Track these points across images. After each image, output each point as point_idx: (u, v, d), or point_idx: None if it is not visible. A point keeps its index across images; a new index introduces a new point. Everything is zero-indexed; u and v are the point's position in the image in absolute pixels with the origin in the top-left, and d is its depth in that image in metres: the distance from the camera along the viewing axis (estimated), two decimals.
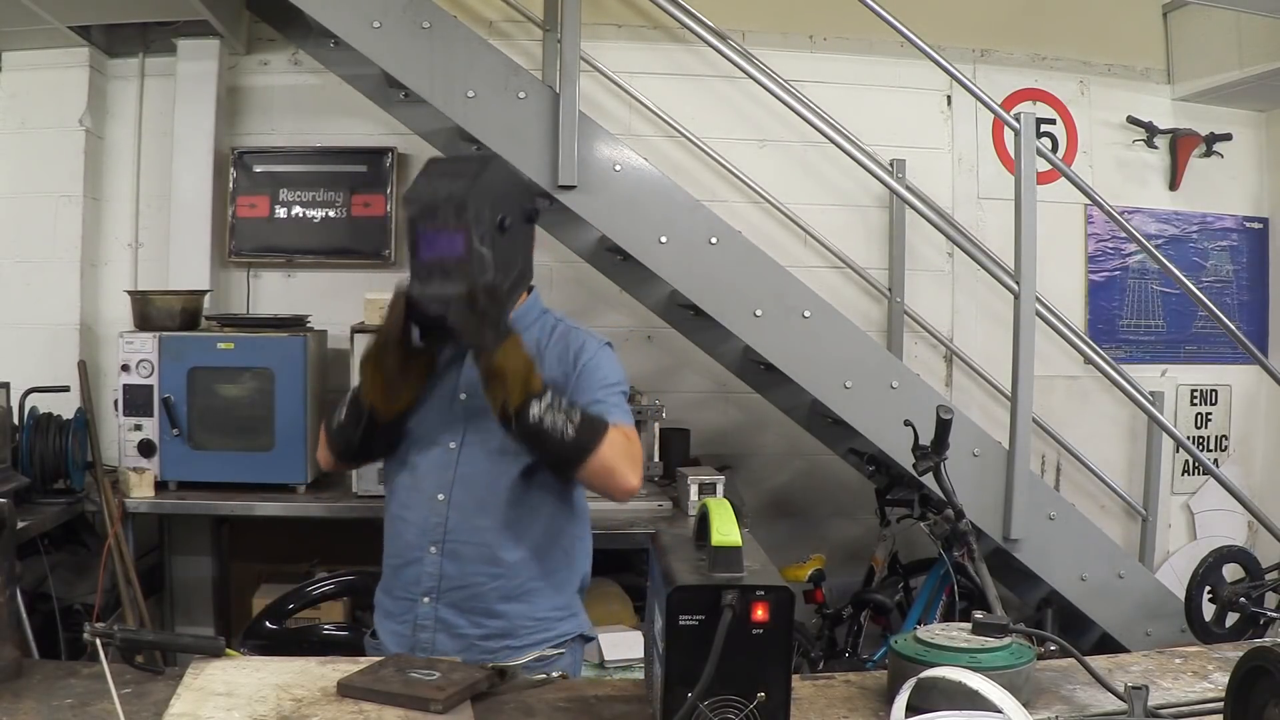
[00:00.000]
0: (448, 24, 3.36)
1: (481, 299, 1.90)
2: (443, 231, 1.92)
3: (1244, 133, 4.93)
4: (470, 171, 1.97)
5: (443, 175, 1.97)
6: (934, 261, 4.72)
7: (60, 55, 4.13)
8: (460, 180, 1.94)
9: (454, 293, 1.90)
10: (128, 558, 3.53)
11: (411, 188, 1.99)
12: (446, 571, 2.07)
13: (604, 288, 4.33)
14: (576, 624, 2.18)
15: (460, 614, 2.06)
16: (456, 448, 2.09)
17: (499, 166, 2.06)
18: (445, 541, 2.06)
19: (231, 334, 3.72)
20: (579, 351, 2.12)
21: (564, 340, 2.14)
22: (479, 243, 1.91)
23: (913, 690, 1.41)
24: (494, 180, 1.99)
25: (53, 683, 1.58)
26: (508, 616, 2.07)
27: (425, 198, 1.94)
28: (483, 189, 1.94)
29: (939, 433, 3.01)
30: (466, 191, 1.91)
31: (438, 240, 1.93)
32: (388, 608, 2.17)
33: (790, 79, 4.27)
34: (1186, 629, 3.66)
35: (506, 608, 2.07)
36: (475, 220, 1.90)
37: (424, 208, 1.93)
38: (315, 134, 4.42)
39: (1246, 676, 1.31)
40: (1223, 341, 4.78)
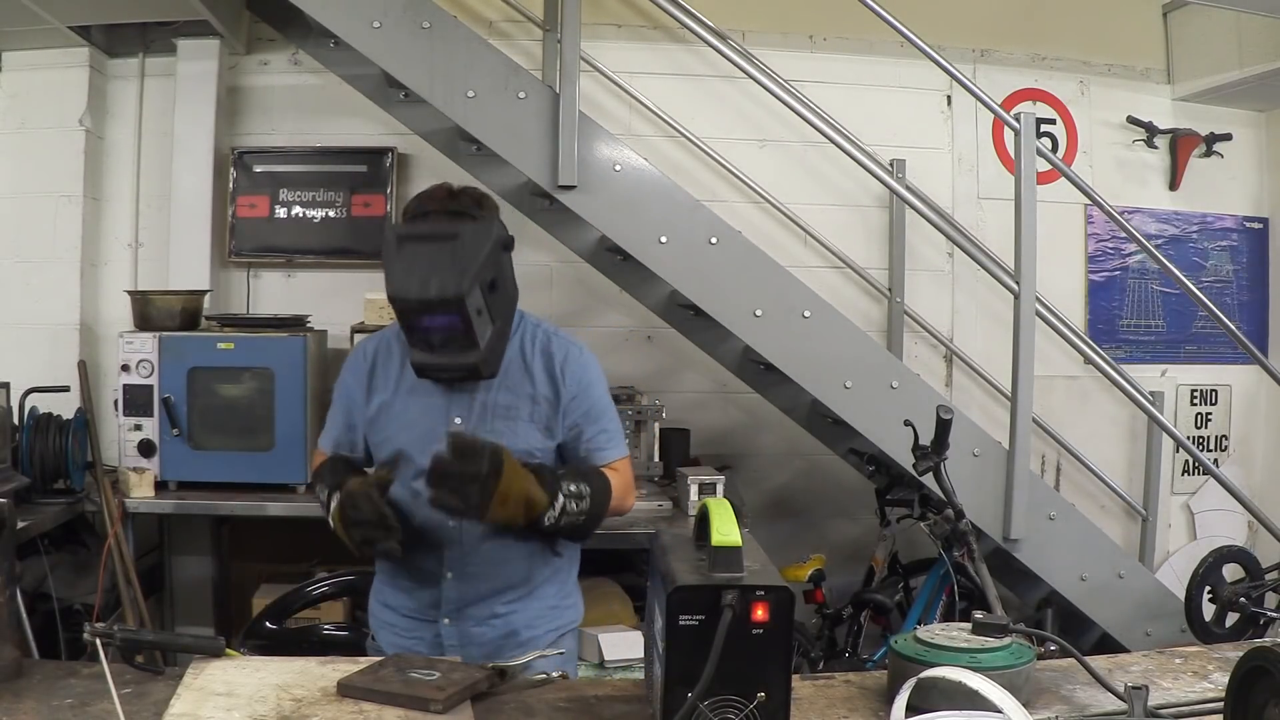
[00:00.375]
0: (448, 24, 3.36)
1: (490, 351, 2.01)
2: (441, 318, 1.96)
3: (1244, 133, 4.93)
4: (455, 255, 1.96)
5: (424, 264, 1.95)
6: (934, 261, 4.72)
7: (60, 55, 4.13)
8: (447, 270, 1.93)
9: (466, 362, 2.00)
10: (128, 558, 3.53)
11: (394, 280, 1.97)
12: (464, 593, 2.11)
13: (604, 288, 4.33)
14: (576, 611, 2.25)
15: (478, 624, 2.11)
16: None
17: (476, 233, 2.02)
18: (465, 564, 2.10)
19: (231, 334, 3.72)
20: (564, 363, 2.14)
21: (547, 350, 2.15)
22: (475, 315, 1.96)
23: (913, 690, 1.41)
24: (476, 252, 1.98)
25: (53, 683, 1.58)
26: (519, 613, 2.12)
27: (416, 297, 1.94)
28: (470, 272, 1.94)
29: (939, 433, 3.01)
30: (459, 286, 1.92)
31: (438, 323, 1.98)
32: (394, 623, 2.18)
33: (790, 79, 4.27)
34: (1186, 629, 3.66)
35: (515, 607, 2.13)
36: (471, 304, 1.95)
37: (417, 309, 1.96)
38: (315, 134, 4.42)
39: (1246, 676, 1.31)
40: (1223, 341, 4.78)
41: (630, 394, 3.95)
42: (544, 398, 2.12)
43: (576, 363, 2.15)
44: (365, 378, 2.19)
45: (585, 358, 2.18)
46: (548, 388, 2.12)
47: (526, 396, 2.12)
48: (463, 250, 1.97)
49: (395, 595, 2.20)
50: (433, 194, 2.13)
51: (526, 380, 2.13)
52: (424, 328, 1.99)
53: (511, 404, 2.11)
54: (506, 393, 2.11)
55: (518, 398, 2.11)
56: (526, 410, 2.11)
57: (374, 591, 2.28)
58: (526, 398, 2.12)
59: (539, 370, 2.13)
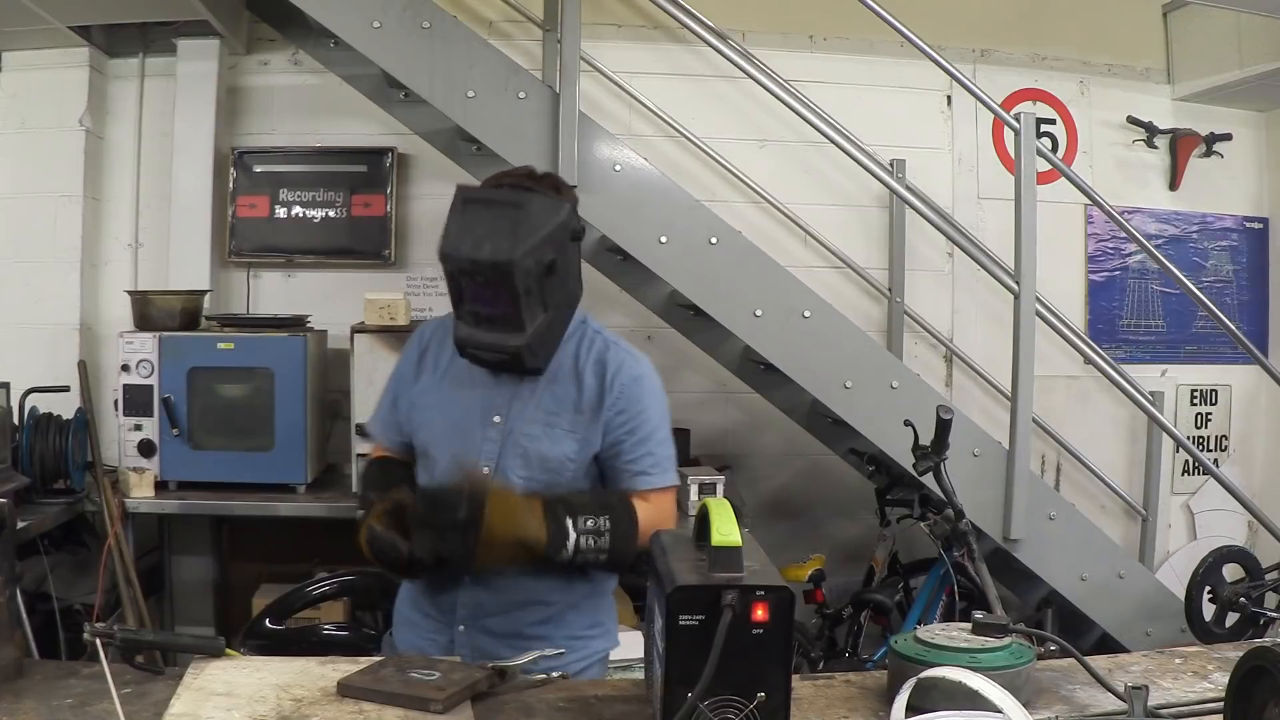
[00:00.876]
0: (448, 24, 3.36)
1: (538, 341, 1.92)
2: (489, 287, 1.88)
3: (1244, 133, 4.93)
4: (516, 223, 1.87)
5: (483, 226, 1.88)
6: (934, 261, 4.72)
7: (60, 55, 4.13)
8: (506, 236, 1.85)
9: (511, 345, 1.90)
10: (128, 558, 3.53)
11: (449, 237, 1.90)
12: (481, 600, 2.01)
13: (604, 288, 4.33)
14: (607, 641, 2.13)
15: (496, 640, 1.99)
16: (490, 473, 2.00)
17: (545, 207, 1.94)
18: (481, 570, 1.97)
19: (231, 334, 3.72)
20: (616, 373, 2.02)
21: (602, 358, 2.03)
22: (525, 295, 1.88)
23: (913, 690, 1.41)
24: (540, 225, 1.90)
25: (53, 683, 1.58)
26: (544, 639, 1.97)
27: (467, 256, 1.87)
28: (532, 242, 1.86)
29: (939, 433, 3.01)
30: (515, 253, 1.84)
31: (485, 293, 1.90)
32: (416, 622, 2.10)
33: (790, 79, 4.27)
34: (1186, 629, 3.66)
35: (541, 630, 2.01)
36: (523, 278, 1.86)
37: (468, 269, 1.88)
38: (315, 134, 4.42)
39: (1246, 676, 1.31)
40: (1223, 341, 4.77)
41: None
42: (588, 407, 2.00)
43: (630, 375, 2.02)
44: (416, 360, 2.11)
45: (642, 370, 2.04)
46: (594, 397, 2.00)
47: (570, 404, 2.00)
48: (524, 220, 1.88)
49: (418, 594, 2.11)
50: (514, 170, 2.06)
51: (574, 386, 2.01)
52: (471, 294, 1.91)
53: (554, 410, 2.00)
54: (551, 397, 2.01)
55: (561, 404, 2.00)
56: (568, 419, 2.00)
57: (402, 586, 2.19)
58: (570, 405, 2.00)
59: (589, 377, 2.02)
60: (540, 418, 2.00)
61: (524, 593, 2.01)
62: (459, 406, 2.04)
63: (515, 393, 2.02)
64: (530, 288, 1.88)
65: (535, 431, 2.00)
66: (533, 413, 2.01)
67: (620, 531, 1.90)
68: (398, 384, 2.15)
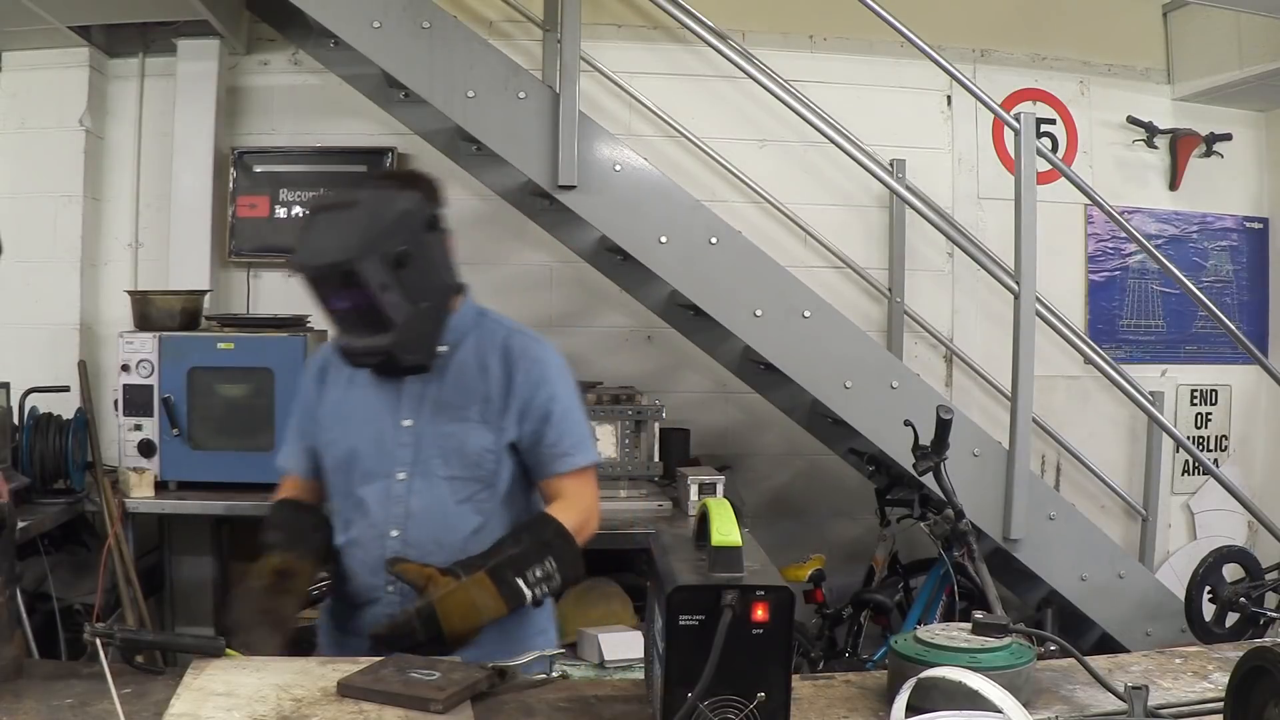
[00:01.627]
0: (448, 24, 3.36)
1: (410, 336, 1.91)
2: (342, 291, 1.88)
3: (1244, 133, 4.93)
4: (350, 221, 1.88)
5: (324, 231, 1.89)
6: (934, 261, 4.72)
7: (60, 55, 4.13)
8: (341, 236, 1.86)
9: (382, 344, 1.91)
10: (128, 558, 3.53)
11: (297, 246, 1.92)
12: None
13: (604, 288, 4.33)
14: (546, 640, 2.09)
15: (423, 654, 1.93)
16: (407, 478, 2.00)
17: (379, 200, 1.93)
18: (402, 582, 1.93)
19: (231, 334, 3.72)
20: (519, 359, 2.03)
21: (505, 346, 2.04)
22: (381, 291, 1.87)
23: (913, 690, 1.41)
24: (377, 219, 1.89)
25: (53, 683, 1.58)
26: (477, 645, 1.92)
27: (311, 263, 1.88)
28: (367, 236, 1.86)
29: (939, 433, 3.01)
30: (351, 251, 1.84)
31: (341, 297, 1.90)
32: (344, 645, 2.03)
33: (790, 79, 4.27)
34: (1186, 629, 3.66)
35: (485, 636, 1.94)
36: (370, 274, 1.85)
37: (314, 274, 1.88)
38: (315, 134, 4.42)
39: (1246, 676, 1.31)
40: (1223, 341, 4.77)
41: (630, 394, 3.95)
42: (496, 395, 2.01)
43: (533, 359, 2.03)
44: (318, 382, 2.11)
45: (543, 353, 2.06)
46: (501, 384, 2.01)
47: (479, 396, 2.01)
48: (361, 217, 1.88)
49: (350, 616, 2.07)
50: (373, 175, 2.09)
51: (480, 378, 2.02)
52: (329, 302, 1.91)
53: (462, 403, 2.01)
54: (458, 392, 2.01)
55: (468, 397, 2.01)
56: (478, 410, 2.00)
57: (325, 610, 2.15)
58: (479, 397, 2.01)
59: (494, 366, 2.02)
60: (450, 413, 2.01)
61: None
62: (367, 415, 2.03)
63: (421, 393, 2.02)
64: (385, 283, 1.87)
65: (448, 428, 2.00)
66: (442, 409, 2.01)
67: (566, 563, 1.91)
68: (302, 412, 2.15)
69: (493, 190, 4.08)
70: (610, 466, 3.77)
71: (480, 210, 4.38)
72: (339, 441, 2.05)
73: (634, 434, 3.80)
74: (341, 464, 2.05)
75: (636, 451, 3.80)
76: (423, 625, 1.78)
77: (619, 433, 3.79)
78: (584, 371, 4.35)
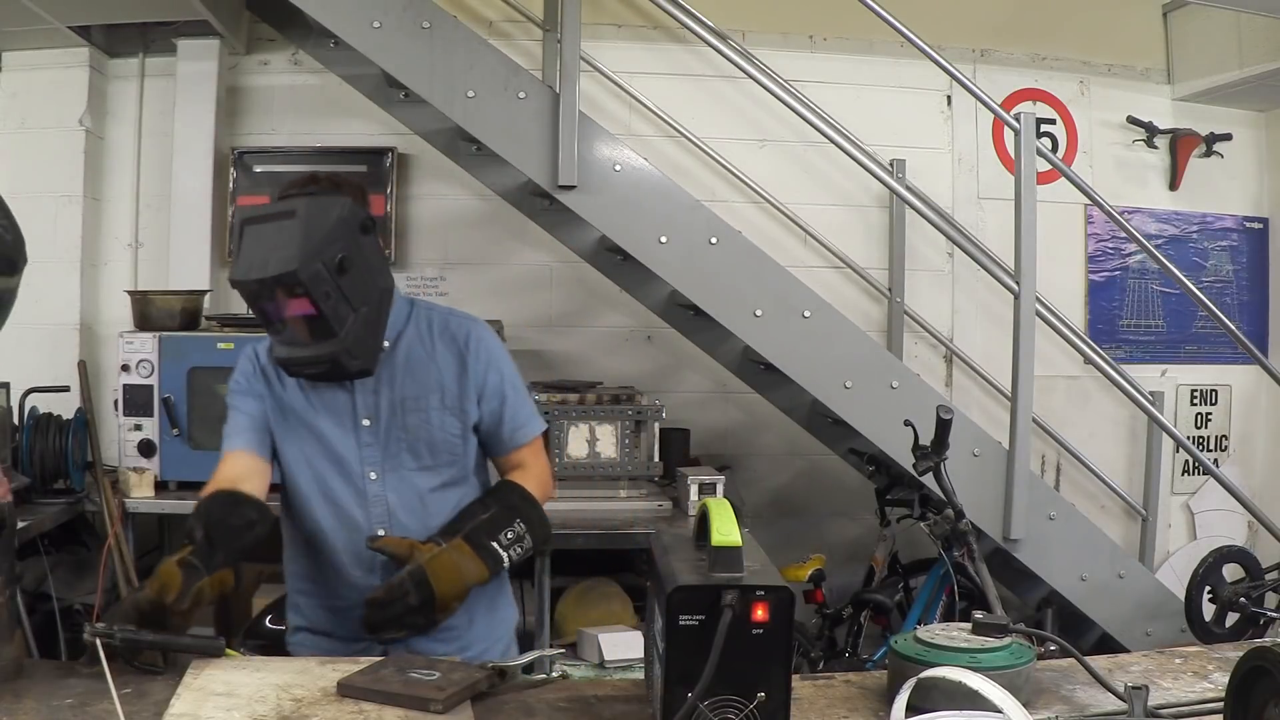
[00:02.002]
0: (448, 24, 3.36)
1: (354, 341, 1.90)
2: (286, 303, 1.87)
3: (1244, 133, 4.93)
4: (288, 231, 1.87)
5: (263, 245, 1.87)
6: (934, 261, 4.72)
7: (60, 55, 4.13)
8: (282, 247, 1.85)
9: (328, 353, 1.89)
10: (128, 558, 3.53)
11: (236, 263, 1.90)
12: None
13: (604, 288, 4.33)
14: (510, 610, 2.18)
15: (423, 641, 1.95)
16: (379, 477, 2.01)
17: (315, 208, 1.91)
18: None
19: (231, 334, 3.72)
20: (469, 341, 2.05)
21: (447, 329, 2.06)
22: (325, 300, 1.86)
23: (913, 690, 1.41)
24: (315, 228, 1.87)
25: (53, 683, 1.58)
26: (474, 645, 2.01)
27: (254, 276, 1.86)
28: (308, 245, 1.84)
29: (939, 433, 3.01)
30: (294, 261, 1.82)
31: (285, 309, 1.88)
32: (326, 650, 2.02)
33: (790, 79, 4.28)
34: (1186, 629, 3.66)
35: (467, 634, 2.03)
36: (313, 283, 1.84)
37: (257, 288, 1.87)
38: (315, 134, 4.42)
39: (1246, 676, 1.31)
40: (1223, 341, 4.78)
41: (630, 394, 3.95)
42: (451, 380, 2.02)
43: (478, 339, 2.06)
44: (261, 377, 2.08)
45: (485, 333, 2.09)
46: (455, 367, 2.03)
47: (434, 384, 2.02)
48: (299, 227, 1.86)
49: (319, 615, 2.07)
50: (295, 180, 2.03)
51: (431, 366, 2.03)
52: (273, 313, 1.89)
53: (419, 394, 2.02)
54: (412, 384, 2.02)
55: (425, 386, 2.02)
56: (436, 398, 2.02)
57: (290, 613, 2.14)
58: (435, 385, 2.02)
59: (443, 352, 2.04)
60: (410, 405, 2.02)
61: None
62: (324, 421, 2.02)
63: (375, 390, 2.02)
64: (328, 291, 1.87)
65: (412, 421, 2.01)
66: (402, 404, 2.02)
67: (535, 524, 1.98)
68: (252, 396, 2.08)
69: (493, 190, 4.08)
70: (610, 466, 3.78)
71: (480, 210, 4.38)
72: (301, 445, 2.04)
73: (634, 434, 3.79)
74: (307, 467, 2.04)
75: (636, 451, 3.80)
76: (415, 587, 1.80)
77: (619, 433, 3.78)
78: (584, 371, 4.35)
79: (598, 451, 3.78)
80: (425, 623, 1.84)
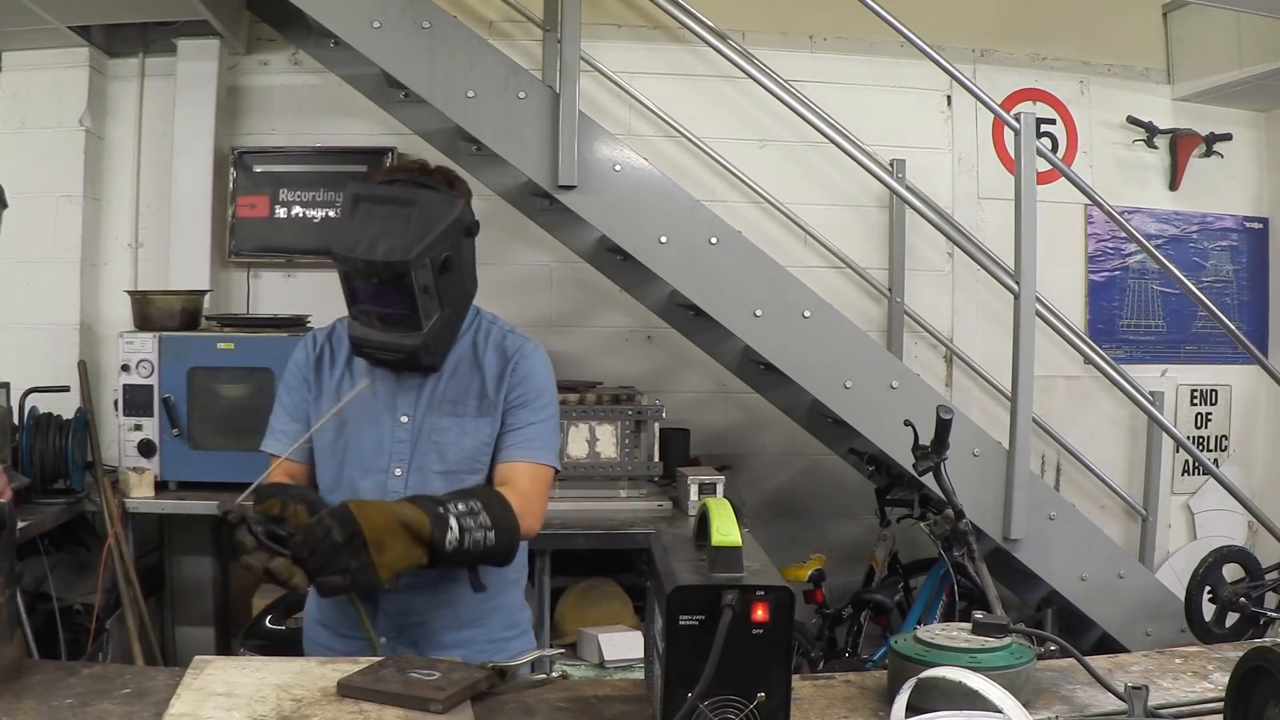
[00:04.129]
0: (448, 24, 3.36)
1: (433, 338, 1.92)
2: (384, 287, 1.87)
3: (1244, 133, 4.93)
4: (407, 220, 1.86)
5: (376, 226, 1.87)
6: (934, 261, 4.72)
7: (60, 55, 4.13)
8: (398, 235, 1.85)
9: (408, 345, 1.91)
10: (128, 558, 3.53)
11: (341, 237, 1.88)
12: (403, 608, 1.98)
13: (604, 288, 4.33)
14: (525, 642, 2.09)
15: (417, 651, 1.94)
16: (404, 474, 2.00)
17: (436, 203, 1.92)
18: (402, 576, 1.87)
19: (231, 334, 3.72)
20: (516, 357, 2.04)
21: (501, 346, 2.06)
22: (422, 294, 1.87)
23: (913, 690, 1.41)
24: (432, 223, 1.88)
25: (53, 683, 1.57)
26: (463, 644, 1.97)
27: (361, 257, 1.85)
28: (424, 240, 1.85)
29: (939, 433, 3.01)
30: (408, 253, 1.84)
31: (380, 293, 1.89)
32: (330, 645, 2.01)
33: (790, 79, 4.28)
34: (1186, 629, 3.66)
35: (460, 635, 2.00)
36: (419, 277, 1.85)
37: (362, 267, 1.86)
38: (315, 134, 4.42)
39: (1246, 676, 1.31)
40: (1223, 341, 4.78)
41: (630, 394, 3.95)
42: (491, 391, 2.02)
43: (525, 355, 2.05)
44: (313, 367, 2.08)
45: (535, 353, 2.07)
46: (495, 381, 2.03)
47: (474, 392, 2.02)
48: (419, 218, 1.87)
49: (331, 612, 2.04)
50: (406, 165, 2.04)
51: (476, 375, 2.03)
52: (366, 295, 1.90)
53: (459, 399, 2.01)
54: (455, 387, 2.02)
55: (464, 393, 2.02)
56: (473, 406, 2.01)
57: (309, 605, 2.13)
58: (474, 393, 2.02)
59: (490, 364, 2.04)
60: (447, 409, 2.01)
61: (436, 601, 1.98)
62: (366, 409, 2.01)
63: (419, 390, 2.02)
64: (426, 286, 1.88)
65: (444, 423, 2.01)
66: (439, 406, 2.02)
67: (494, 508, 1.84)
68: (297, 396, 2.09)
69: (493, 190, 4.08)
70: (610, 466, 3.78)
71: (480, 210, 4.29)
72: (337, 432, 2.03)
73: (634, 434, 3.80)
74: (337, 454, 2.03)
75: (636, 451, 3.80)
76: (337, 522, 1.68)
77: (619, 433, 3.79)
78: (584, 371, 4.35)
79: (598, 451, 3.78)
80: (361, 567, 1.69)
